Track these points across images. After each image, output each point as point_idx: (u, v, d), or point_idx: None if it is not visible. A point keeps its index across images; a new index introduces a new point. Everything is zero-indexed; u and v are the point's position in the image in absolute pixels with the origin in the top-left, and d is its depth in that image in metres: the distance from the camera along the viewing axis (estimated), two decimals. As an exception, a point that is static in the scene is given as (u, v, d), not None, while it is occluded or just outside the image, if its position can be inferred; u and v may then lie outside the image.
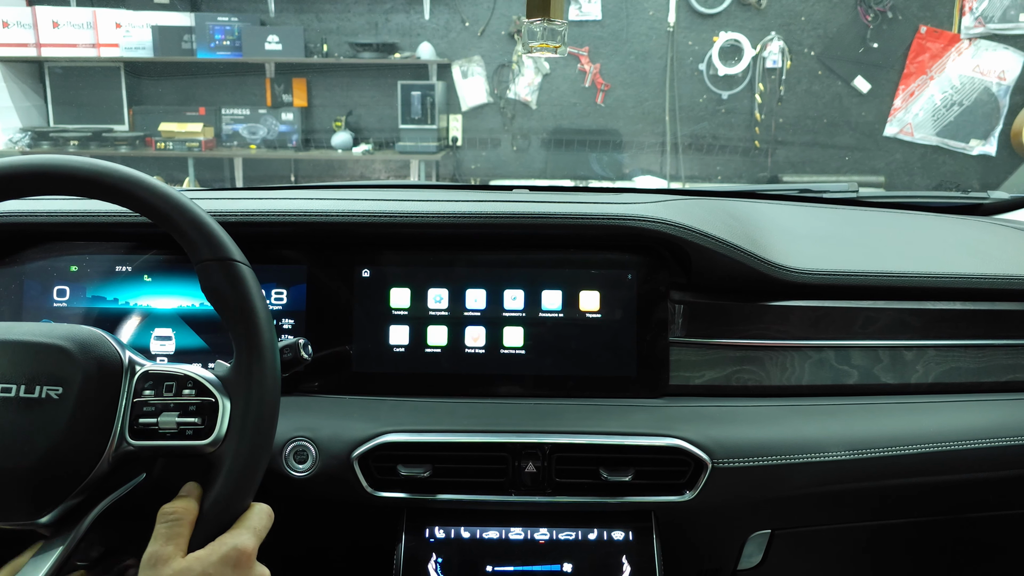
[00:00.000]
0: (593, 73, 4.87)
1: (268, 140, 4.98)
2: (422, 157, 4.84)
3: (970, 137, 4.69)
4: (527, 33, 1.04)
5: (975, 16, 4.56)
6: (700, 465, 1.01)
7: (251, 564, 0.75)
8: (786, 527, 1.12)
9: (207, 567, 0.72)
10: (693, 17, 4.78)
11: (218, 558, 0.73)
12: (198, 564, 0.72)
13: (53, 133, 4.95)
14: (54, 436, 0.76)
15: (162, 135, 4.92)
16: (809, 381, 1.12)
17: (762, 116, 4.82)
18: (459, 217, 1.08)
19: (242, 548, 0.74)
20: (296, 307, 1.11)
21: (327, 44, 4.93)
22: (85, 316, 1.10)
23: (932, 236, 1.35)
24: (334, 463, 1.01)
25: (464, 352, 1.10)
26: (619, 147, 4.96)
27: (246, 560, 0.74)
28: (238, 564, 0.73)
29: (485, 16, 4.89)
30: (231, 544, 0.74)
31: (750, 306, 1.11)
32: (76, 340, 0.80)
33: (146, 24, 4.90)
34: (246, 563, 0.74)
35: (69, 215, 1.08)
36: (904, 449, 1.06)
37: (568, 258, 1.12)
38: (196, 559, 0.72)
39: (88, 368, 0.79)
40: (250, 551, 0.75)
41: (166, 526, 0.74)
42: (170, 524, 0.74)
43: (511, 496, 1.03)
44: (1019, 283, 1.15)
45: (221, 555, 0.73)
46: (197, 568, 0.71)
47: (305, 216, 1.08)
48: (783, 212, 1.36)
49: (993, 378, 1.15)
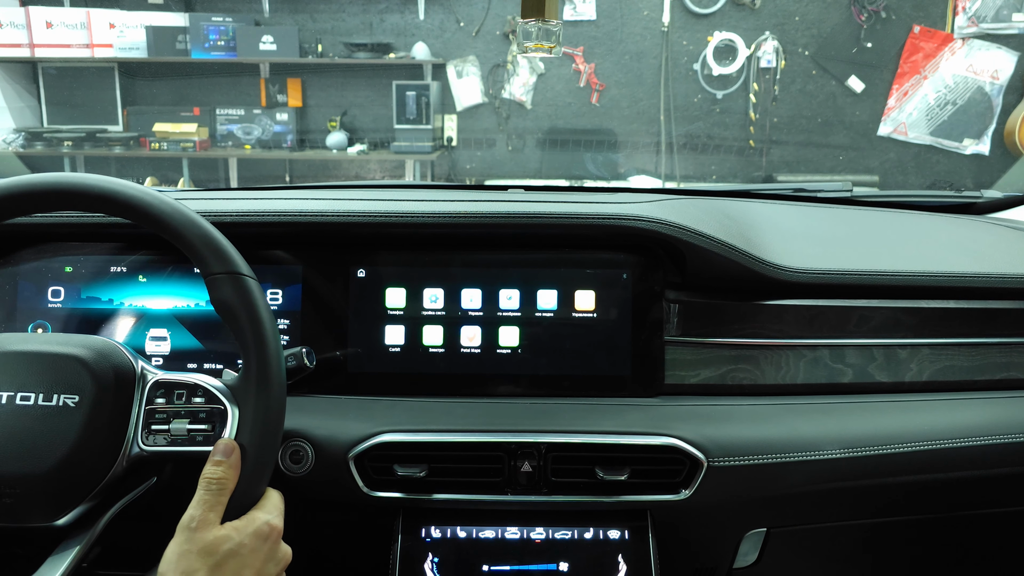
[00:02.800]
0: (588, 73, 4.87)
1: (263, 140, 4.97)
2: (417, 157, 4.84)
3: (963, 136, 4.71)
4: (522, 33, 1.05)
5: (968, 16, 4.58)
6: (695, 464, 1.01)
7: (280, 539, 0.81)
8: (782, 525, 1.13)
9: (243, 537, 0.76)
10: (687, 17, 4.79)
11: (253, 530, 0.77)
12: (236, 534, 0.76)
13: (47, 134, 4.94)
14: (71, 442, 0.80)
15: (156, 135, 4.91)
16: (804, 380, 1.12)
17: (757, 116, 4.83)
18: (454, 217, 1.08)
19: (273, 524, 0.80)
20: (291, 307, 1.11)
21: (322, 44, 4.92)
22: (80, 317, 1.10)
23: (926, 235, 1.35)
24: (330, 463, 1.01)
25: (460, 352, 1.11)
26: (614, 147, 4.97)
27: (276, 535, 0.80)
28: (269, 538, 0.79)
29: (480, 16, 4.89)
30: (264, 519, 0.79)
31: (745, 305, 1.12)
32: (92, 350, 0.85)
33: (140, 24, 4.89)
34: (276, 538, 0.80)
35: (63, 216, 1.08)
36: (899, 447, 1.06)
37: (563, 258, 1.12)
38: (234, 529, 0.76)
39: (103, 377, 0.83)
40: (280, 528, 0.80)
41: (209, 493, 0.77)
42: (214, 492, 0.77)
43: (507, 496, 1.03)
44: (1012, 281, 1.16)
45: (255, 528, 0.78)
46: (235, 538, 0.76)
47: (300, 216, 1.08)
48: (777, 211, 1.37)
49: (987, 376, 1.16)
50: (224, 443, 0.80)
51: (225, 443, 0.80)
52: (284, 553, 0.82)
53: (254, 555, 0.76)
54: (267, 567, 0.78)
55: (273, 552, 0.79)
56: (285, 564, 0.82)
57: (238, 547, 0.75)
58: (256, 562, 0.76)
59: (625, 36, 4.84)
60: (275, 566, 0.79)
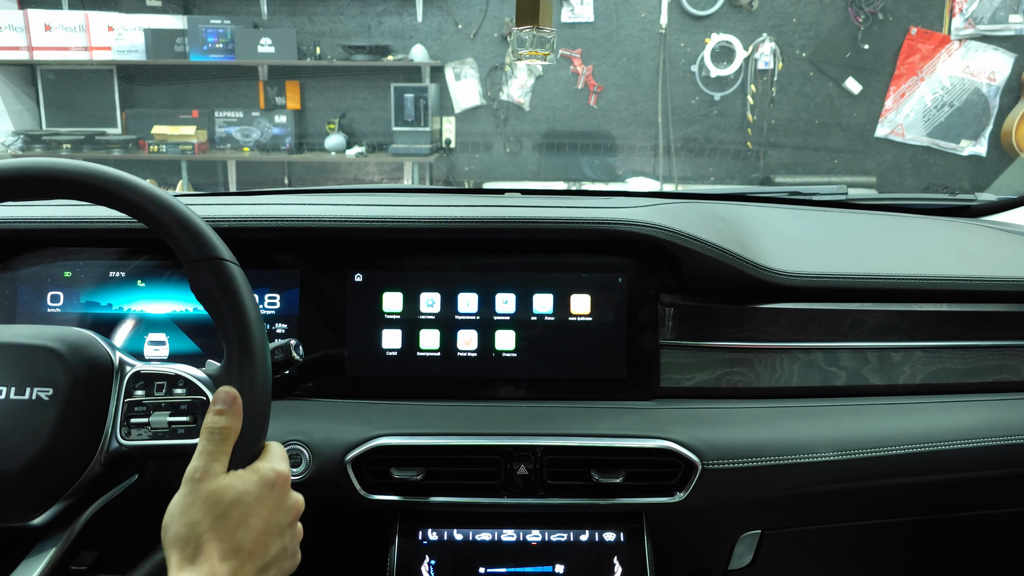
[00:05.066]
0: (586, 75, 4.88)
1: (261, 143, 4.98)
2: (415, 159, 4.84)
3: (960, 138, 4.72)
4: (516, 41, 1.05)
5: (965, 17, 4.58)
6: (690, 466, 1.02)
7: (288, 487, 0.76)
8: (776, 527, 1.13)
9: (248, 485, 0.72)
10: (685, 19, 4.80)
11: (259, 477, 0.73)
12: (239, 482, 0.72)
13: (45, 136, 4.94)
14: (45, 438, 0.77)
15: (155, 138, 4.91)
16: (798, 383, 1.13)
17: (754, 117, 4.84)
18: (451, 222, 1.09)
19: (279, 470, 0.75)
20: (289, 311, 1.12)
21: (320, 47, 4.93)
22: (79, 321, 1.11)
23: (920, 238, 1.36)
24: (327, 466, 1.01)
25: (456, 355, 1.11)
26: (612, 149, 4.97)
27: (283, 482, 0.75)
28: (276, 485, 0.74)
29: (478, 18, 4.90)
30: (269, 467, 0.75)
31: (739, 309, 1.12)
32: (66, 342, 0.81)
33: (138, 27, 4.89)
34: (284, 485, 0.76)
35: (63, 221, 1.09)
36: (892, 450, 1.07)
37: (559, 262, 1.12)
38: (238, 477, 0.73)
39: (78, 369, 0.79)
40: (286, 474, 0.76)
41: (212, 442, 0.73)
42: (216, 441, 0.73)
43: (503, 498, 1.03)
44: (1005, 284, 1.16)
45: (261, 475, 0.74)
46: (239, 486, 0.72)
47: (298, 222, 1.09)
48: (772, 215, 1.37)
49: (980, 379, 1.16)
50: (224, 391, 0.75)
51: (226, 391, 0.75)
52: (295, 501, 0.77)
53: (260, 503, 0.72)
54: (277, 515, 0.74)
55: (282, 500, 0.75)
56: (298, 512, 0.77)
57: (242, 495, 0.71)
58: (264, 510, 0.72)
59: (623, 38, 4.84)
60: (286, 514, 0.75)
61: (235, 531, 0.70)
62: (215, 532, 0.69)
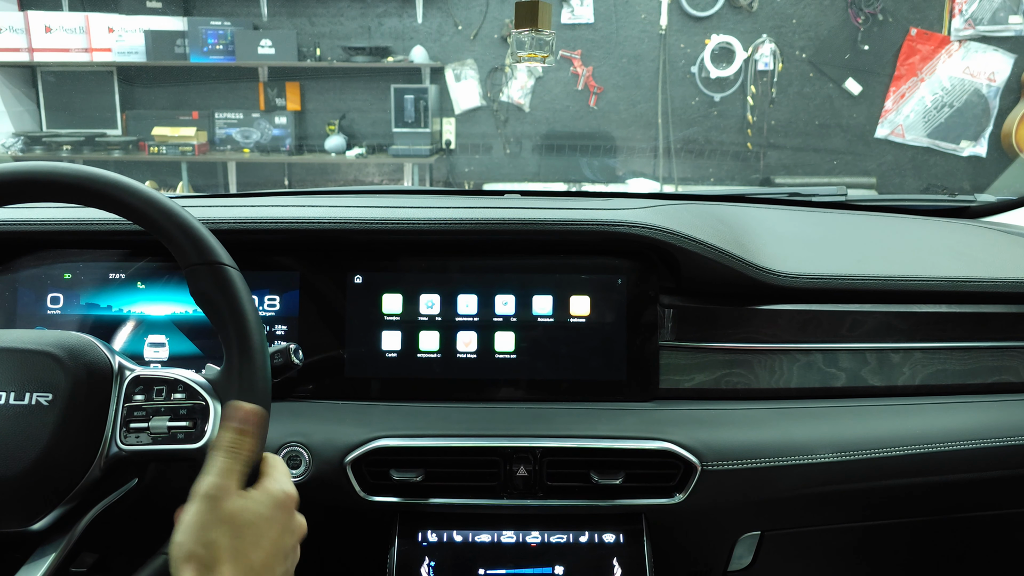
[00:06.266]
0: (586, 76, 4.88)
1: (261, 144, 4.98)
2: (415, 160, 4.85)
3: (960, 138, 4.72)
4: (515, 43, 1.05)
5: (965, 18, 4.59)
6: (690, 468, 1.02)
7: (295, 508, 0.77)
8: (775, 528, 1.13)
9: (262, 508, 0.72)
10: (685, 20, 4.80)
11: (271, 499, 0.74)
12: (254, 504, 0.72)
13: (46, 138, 4.94)
14: (45, 442, 0.76)
15: (155, 139, 4.91)
16: (797, 384, 1.13)
17: (754, 118, 4.84)
18: (450, 224, 1.09)
19: (290, 492, 0.76)
20: (289, 313, 1.12)
21: (320, 48, 4.93)
22: (79, 323, 1.11)
23: (919, 239, 1.36)
24: (327, 468, 1.02)
25: (456, 357, 1.11)
26: (612, 150, 4.98)
27: (292, 504, 0.76)
28: (285, 507, 0.75)
29: (478, 20, 4.90)
30: (279, 488, 0.75)
31: (739, 310, 1.12)
32: (65, 346, 0.81)
33: (139, 28, 4.90)
34: (292, 506, 0.76)
35: (63, 223, 1.09)
36: (891, 451, 1.07)
37: (559, 263, 1.12)
38: (252, 499, 0.73)
39: (77, 374, 0.79)
40: (295, 495, 0.77)
41: (227, 460, 0.73)
42: (232, 458, 0.73)
43: (503, 500, 1.03)
44: (1004, 286, 1.16)
45: (273, 496, 0.74)
46: (253, 507, 0.72)
47: (298, 223, 1.09)
48: (772, 216, 1.37)
49: (979, 380, 1.16)
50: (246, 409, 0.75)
51: (247, 409, 0.75)
52: (299, 524, 0.78)
53: (271, 525, 0.73)
54: (284, 538, 0.74)
55: (289, 522, 0.75)
56: (301, 535, 0.78)
57: (257, 517, 0.71)
58: (273, 532, 0.73)
59: (623, 39, 4.85)
60: (291, 536, 0.76)
61: (249, 553, 0.70)
62: (230, 553, 0.69)
